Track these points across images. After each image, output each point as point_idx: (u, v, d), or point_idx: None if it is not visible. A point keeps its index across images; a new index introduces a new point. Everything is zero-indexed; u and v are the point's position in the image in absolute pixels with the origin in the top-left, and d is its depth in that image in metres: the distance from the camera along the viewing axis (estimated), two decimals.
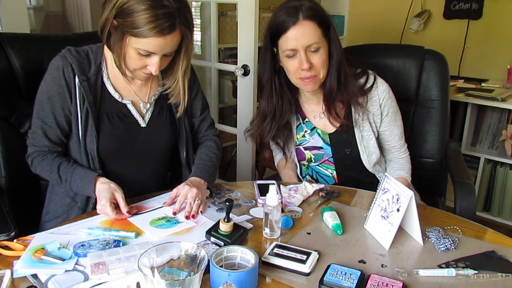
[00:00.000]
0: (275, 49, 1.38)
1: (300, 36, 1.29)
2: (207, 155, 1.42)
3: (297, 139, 1.48)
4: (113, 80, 1.30)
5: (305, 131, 1.48)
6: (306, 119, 1.49)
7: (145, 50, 1.14)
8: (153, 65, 1.18)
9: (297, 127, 1.50)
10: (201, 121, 1.49)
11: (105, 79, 1.29)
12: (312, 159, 1.47)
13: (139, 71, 1.22)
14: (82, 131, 1.25)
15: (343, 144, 1.46)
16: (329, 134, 1.47)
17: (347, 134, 1.45)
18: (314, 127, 1.48)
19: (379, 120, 1.46)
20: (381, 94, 1.44)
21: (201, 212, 1.21)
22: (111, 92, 1.29)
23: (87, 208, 1.29)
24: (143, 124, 1.33)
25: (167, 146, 1.41)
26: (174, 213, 1.19)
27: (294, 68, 1.34)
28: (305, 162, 1.50)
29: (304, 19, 1.29)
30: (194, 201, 1.21)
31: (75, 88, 1.24)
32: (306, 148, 1.48)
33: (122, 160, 1.33)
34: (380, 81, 1.45)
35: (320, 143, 1.47)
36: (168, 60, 1.23)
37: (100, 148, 1.26)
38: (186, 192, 1.22)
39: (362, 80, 1.44)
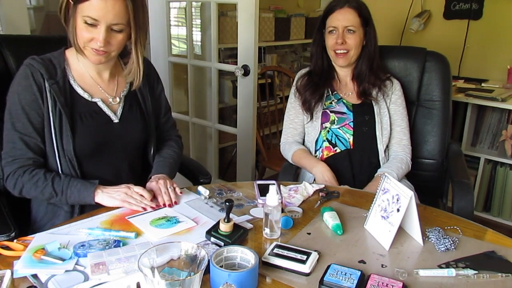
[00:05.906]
0: (324, 31, 1.72)
1: (341, 17, 1.64)
2: (167, 153, 1.49)
3: (325, 104, 1.74)
4: (80, 80, 1.33)
5: (332, 100, 1.75)
6: (335, 92, 1.76)
7: (88, 16, 1.17)
8: (99, 35, 1.19)
9: (326, 96, 1.75)
10: (165, 122, 1.55)
11: (72, 82, 1.31)
12: (335, 121, 1.71)
13: (89, 48, 1.23)
14: (57, 133, 1.25)
15: (363, 112, 1.71)
16: (353, 104, 1.73)
17: (368, 106, 1.72)
18: (341, 98, 1.74)
19: (389, 100, 1.74)
20: (395, 85, 1.76)
21: (180, 193, 1.30)
22: (80, 93, 1.32)
23: (74, 210, 1.30)
24: (115, 120, 1.36)
25: (141, 139, 1.45)
26: (169, 206, 1.25)
27: (332, 43, 1.67)
28: (327, 124, 1.72)
29: (348, 6, 1.65)
30: (168, 189, 1.28)
31: (46, 92, 1.25)
32: (331, 111, 1.73)
33: (99, 158, 1.34)
34: (395, 80, 1.78)
35: (344, 109, 1.72)
36: (118, 37, 1.23)
37: (76, 148, 1.27)
38: (156, 185, 1.30)
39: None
